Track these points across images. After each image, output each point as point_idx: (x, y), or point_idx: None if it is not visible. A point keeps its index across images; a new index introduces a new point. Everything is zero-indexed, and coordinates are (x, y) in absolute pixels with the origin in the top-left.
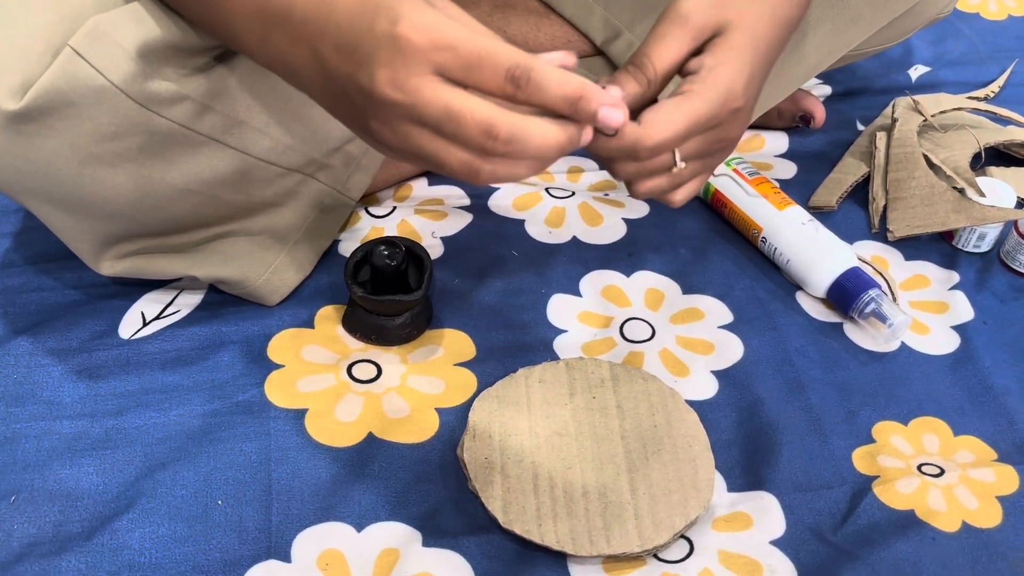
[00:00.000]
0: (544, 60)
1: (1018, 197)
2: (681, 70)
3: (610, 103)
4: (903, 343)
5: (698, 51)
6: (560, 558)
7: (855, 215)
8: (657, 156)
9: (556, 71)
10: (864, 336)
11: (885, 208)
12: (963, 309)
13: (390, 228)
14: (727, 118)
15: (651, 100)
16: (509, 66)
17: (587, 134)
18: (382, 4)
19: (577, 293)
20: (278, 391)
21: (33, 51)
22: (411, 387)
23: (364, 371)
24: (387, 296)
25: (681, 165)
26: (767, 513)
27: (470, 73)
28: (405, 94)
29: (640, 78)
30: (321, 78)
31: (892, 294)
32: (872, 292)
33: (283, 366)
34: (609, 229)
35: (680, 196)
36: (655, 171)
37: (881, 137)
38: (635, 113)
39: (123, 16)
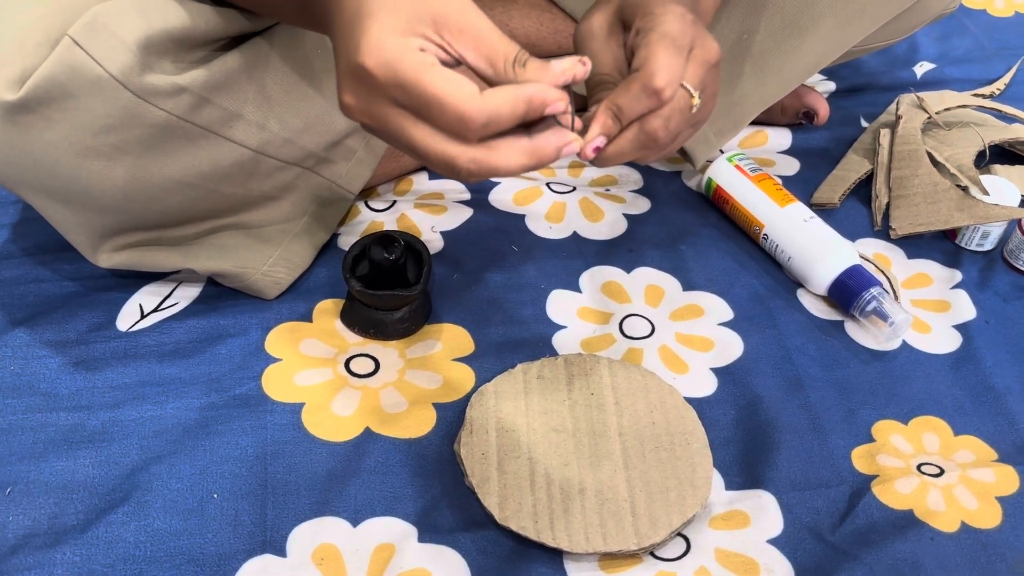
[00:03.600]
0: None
1: (1022, 195)
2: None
3: (567, 143)
4: (904, 342)
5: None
6: (556, 555)
7: (857, 212)
8: (671, 87)
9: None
10: (865, 334)
11: (888, 206)
12: (965, 308)
13: (389, 222)
14: (692, 30)
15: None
16: (458, 115)
17: (585, 150)
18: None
19: (577, 289)
20: (275, 385)
21: (31, 41)
22: (409, 382)
23: (362, 365)
24: (385, 291)
25: (695, 96)
26: (765, 512)
27: (421, 112)
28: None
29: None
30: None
31: (894, 292)
32: (873, 290)
33: (281, 360)
34: (610, 225)
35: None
36: (675, 111)
37: (885, 134)
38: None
39: (123, 7)
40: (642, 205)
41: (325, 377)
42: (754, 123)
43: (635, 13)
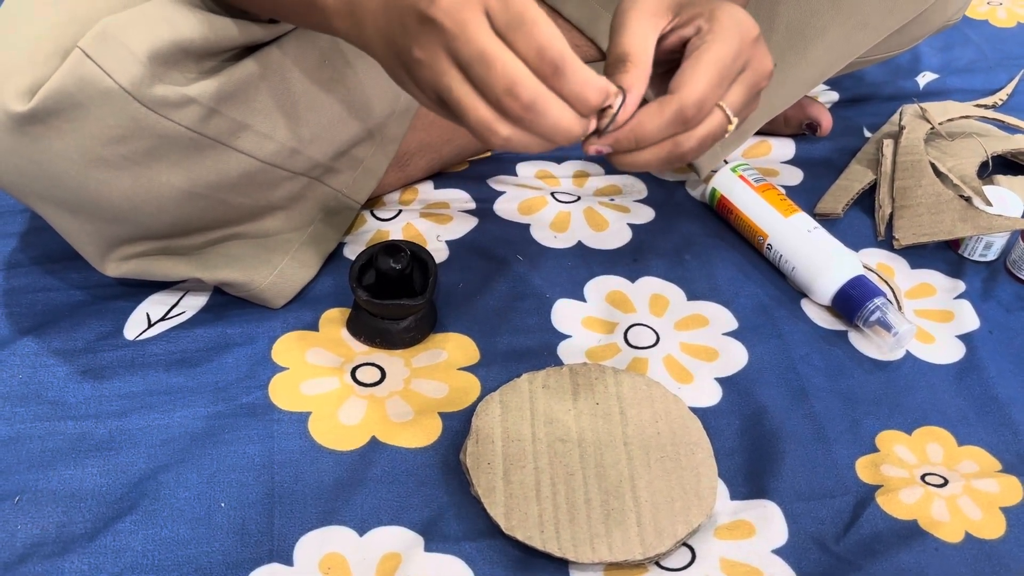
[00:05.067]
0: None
1: None
2: (670, 45)
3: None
4: (908, 352)
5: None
6: (562, 565)
7: (861, 223)
8: (702, 113)
9: (585, 72)
10: (869, 344)
11: (891, 216)
12: (969, 318)
13: (395, 231)
14: (751, 50)
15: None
16: (543, 43)
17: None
18: None
19: (582, 298)
20: (282, 394)
21: (42, 53)
22: (415, 391)
23: (368, 374)
24: (391, 300)
25: (734, 122)
26: (769, 522)
27: (510, 30)
28: (454, 22)
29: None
30: (381, 4)
31: (897, 302)
32: (877, 300)
33: (287, 369)
34: (614, 234)
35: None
36: (710, 135)
37: (888, 144)
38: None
39: (133, 19)
40: (646, 215)
41: (332, 386)
42: (758, 133)
43: (698, 6)
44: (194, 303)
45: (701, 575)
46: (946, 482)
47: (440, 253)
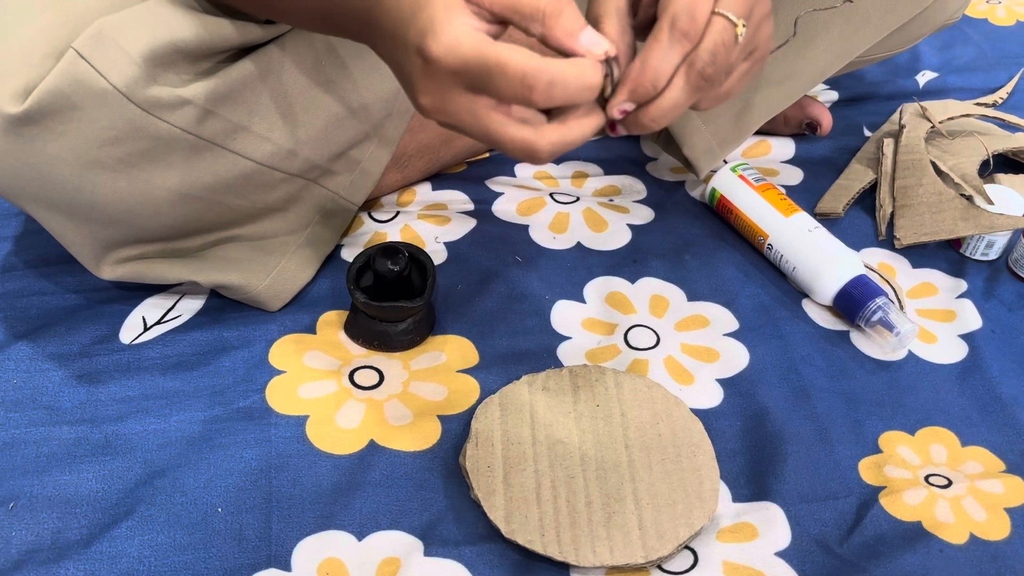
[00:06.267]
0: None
1: None
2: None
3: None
4: (910, 352)
5: None
6: (563, 569)
7: (862, 222)
8: (698, 22)
9: (571, 25)
10: (871, 345)
11: (892, 215)
12: (971, 317)
13: (393, 233)
14: None
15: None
16: (521, 75)
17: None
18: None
19: (581, 300)
20: (279, 397)
21: (36, 53)
22: (413, 394)
23: (366, 377)
24: (390, 302)
25: (739, 24)
26: (772, 524)
27: (489, 87)
28: (455, 58)
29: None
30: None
31: (899, 302)
32: (879, 300)
33: (285, 372)
34: (614, 235)
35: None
36: (719, 45)
37: (888, 143)
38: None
39: (128, 20)
40: (646, 215)
41: (329, 389)
42: (757, 133)
43: None
44: (190, 306)
45: None
46: (950, 483)
47: (438, 255)
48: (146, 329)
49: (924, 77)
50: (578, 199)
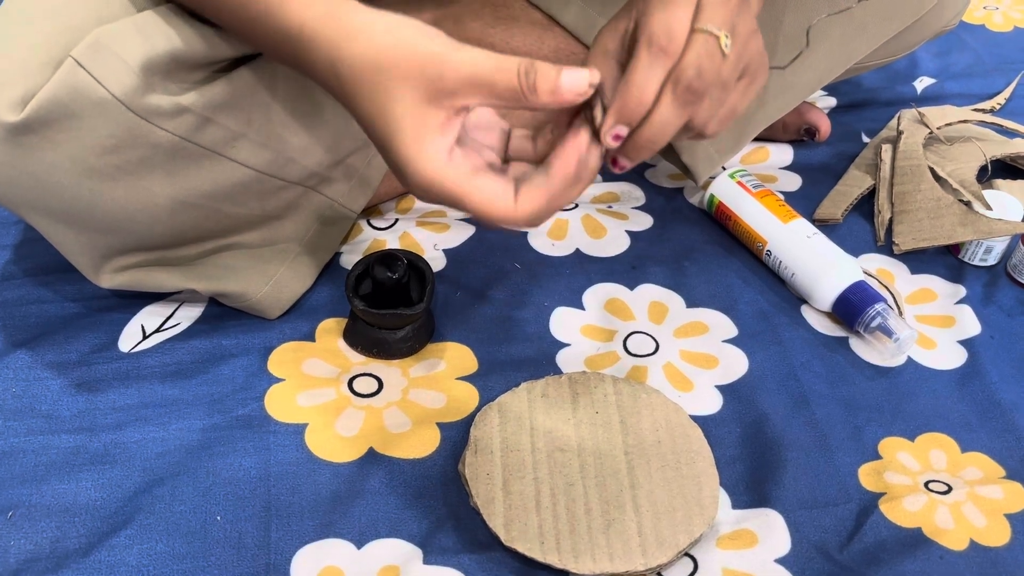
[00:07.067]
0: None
1: None
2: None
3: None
4: (909, 358)
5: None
6: None
7: (860, 228)
8: (676, 40)
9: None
10: (870, 351)
11: (891, 221)
12: (970, 323)
13: (392, 241)
14: None
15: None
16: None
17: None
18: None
19: (580, 306)
20: (278, 405)
21: (34, 63)
22: (412, 401)
23: (365, 385)
24: (388, 309)
25: (720, 36)
26: (772, 531)
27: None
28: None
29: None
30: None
31: (898, 308)
32: (878, 306)
33: (283, 380)
34: (613, 242)
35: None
36: (703, 58)
37: (886, 149)
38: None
39: (126, 28)
40: (644, 222)
41: (328, 397)
42: (756, 139)
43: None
44: (189, 314)
45: None
46: (950, 489)
47: (437, 262)
48: (145, 337)
49: (922, 83)
50: (577, 206)
